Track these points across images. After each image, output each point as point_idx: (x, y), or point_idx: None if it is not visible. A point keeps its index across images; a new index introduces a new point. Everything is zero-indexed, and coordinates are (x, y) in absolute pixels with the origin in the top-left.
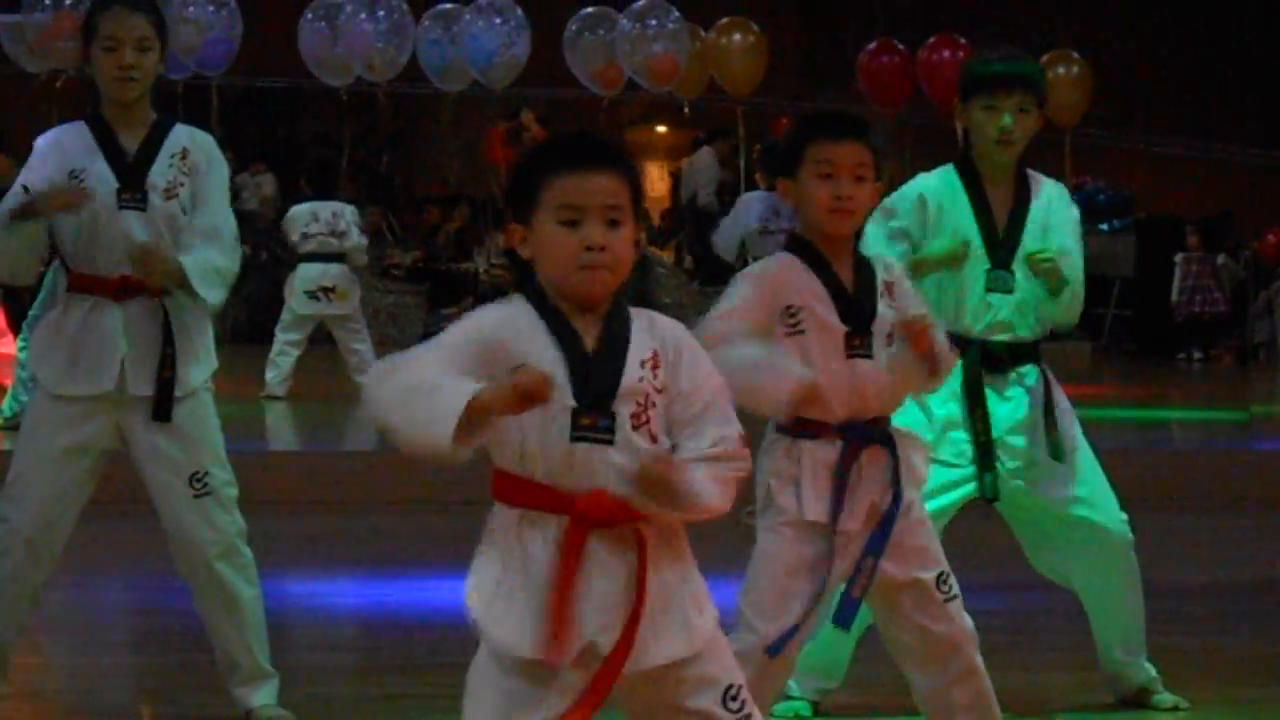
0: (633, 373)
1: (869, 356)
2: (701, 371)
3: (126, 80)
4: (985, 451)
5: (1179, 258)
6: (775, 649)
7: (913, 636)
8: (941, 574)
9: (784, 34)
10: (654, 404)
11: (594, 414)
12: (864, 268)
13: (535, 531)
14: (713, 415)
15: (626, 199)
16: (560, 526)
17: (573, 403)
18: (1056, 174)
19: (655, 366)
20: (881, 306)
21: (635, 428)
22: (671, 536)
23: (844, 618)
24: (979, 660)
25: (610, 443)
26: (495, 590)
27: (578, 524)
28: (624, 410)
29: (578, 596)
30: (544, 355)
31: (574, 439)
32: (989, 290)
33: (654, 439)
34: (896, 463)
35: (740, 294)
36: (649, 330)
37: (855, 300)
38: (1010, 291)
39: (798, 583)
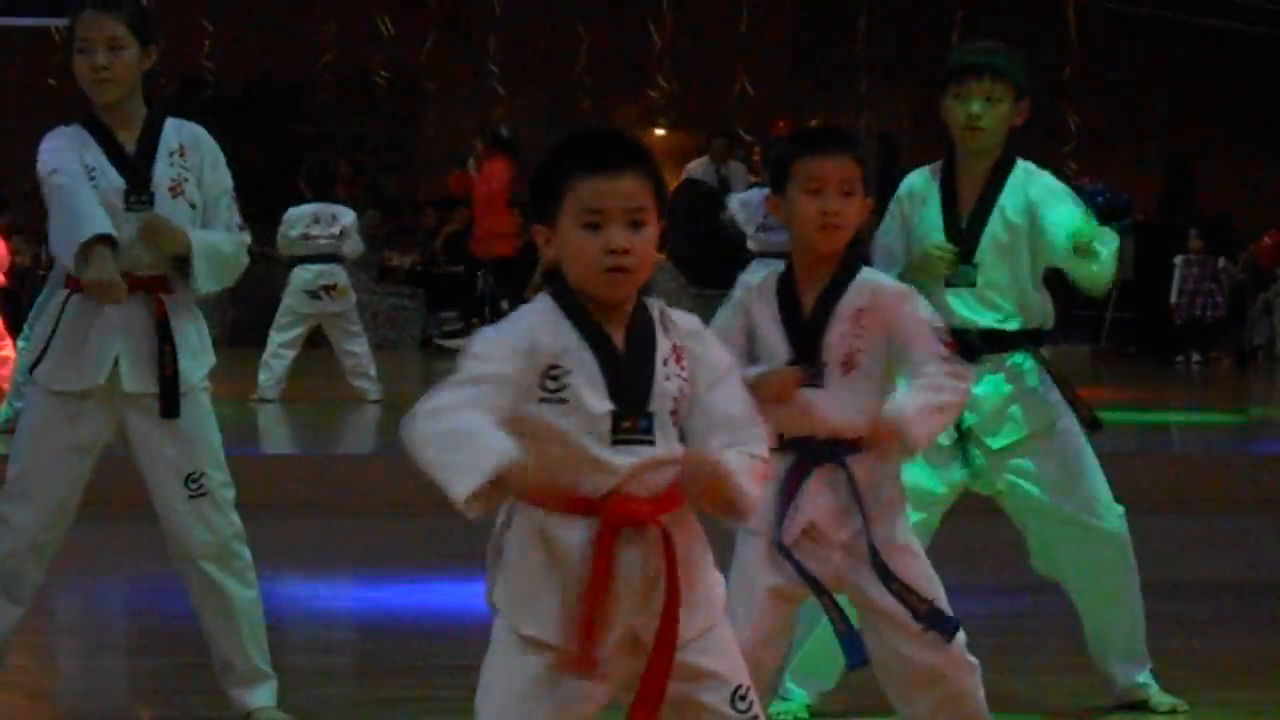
0: (660, 371)
1: (817, 385)
2: (716, 356)
3: (101, 81)
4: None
5: (1178, 260)
6: (854, 663)
7: (894, 662)
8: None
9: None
10: (686, 395)
11: (634, 417)
12: (831, 295)
13: (562, 530)
14: (739, 409)
15: (649, 198)
16: (590, 527)
17: (612, 406)
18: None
19: (679, 360)
20: (833, 337)
21: (675, 424)
22: (686, 519)
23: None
24: (969, 684)
25: (651, 444)
26: (519, 584)
27: (610, 529)
28: (661, 409)
29: (609, 593)
30: (580, 357)
31: (615, 442)
32: (947, 285)
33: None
34: (853, 485)
35: (722, 322)
36: (662, 325)
37: (806, 328)
38: (972, 285)
39: (762, 580)
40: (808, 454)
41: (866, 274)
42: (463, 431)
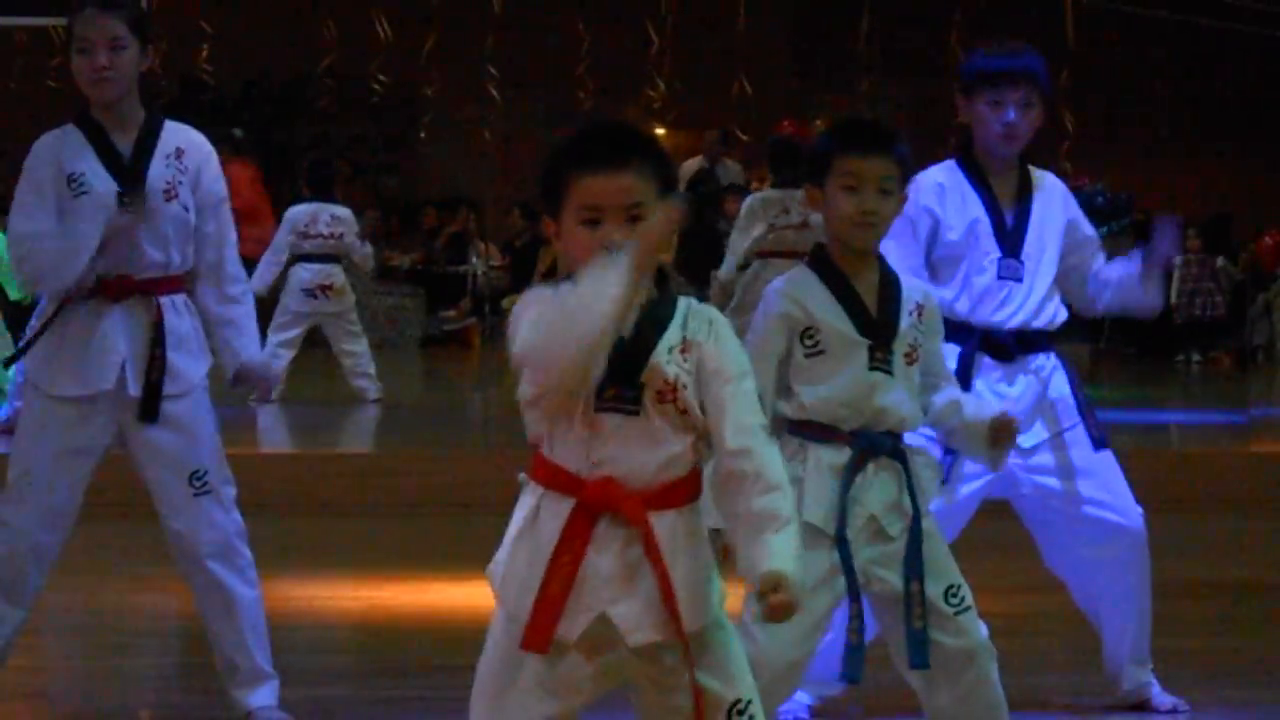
0: (661, 355)
1: (889, 373)
2: (729, 353)
3: (101, 81)
4: None
5: (1177, 260)
6: (852, 677)
7: None
8: (950, 586)
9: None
10: (684, 385)
11: (619, 386)
12: (890, 284)
13: (550, 510)
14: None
15: (651, 193)
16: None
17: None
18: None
19: (685, 351)
20: (905, 325)
21: (660, 403)
22: (680, 521)
23: (917, 656)
24: (993, 671)
25: (636, 414)
26: (510, 562)
27: (583, 511)
28: (651, 386)
29: (579, 573)
30: None
31: (598, 409)
32: (1001, 278)
33: (685, 411)
34: (908, 476)
35: (762, 332)
36: (684, 317)
37: (877, 316)
38: (1020, 280)
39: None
40: (868, 446)
41: (906, 276)
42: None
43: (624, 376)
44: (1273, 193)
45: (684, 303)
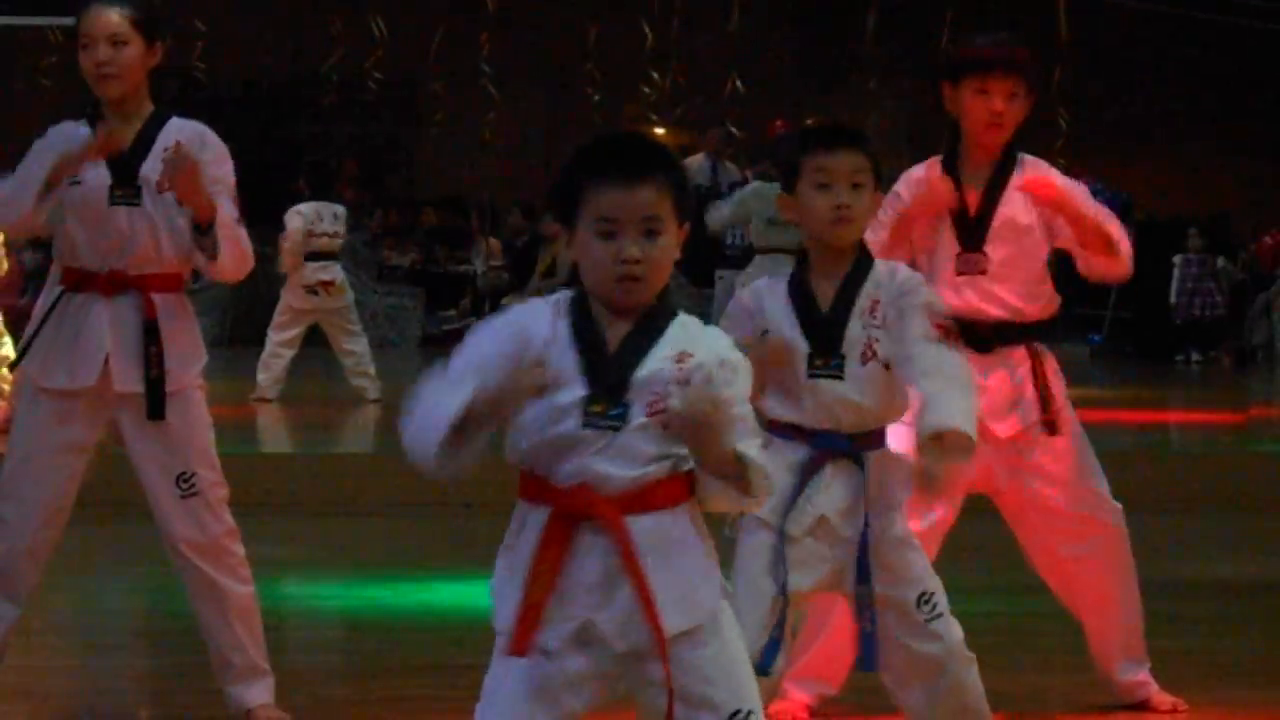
0: (653, 365)
1: (837, 377)
2: (737, 388)
3: (103, 77)
4: None
5: (1178, 259)
6: (763, 668)
7: (895, 654)
8: (923, 594)
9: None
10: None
11: (605, 403)
12: (851, 286)
13: (531, 521)
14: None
15: (667, 207)
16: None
17: (584, 391)
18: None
19: (680, 361)
20: (855, 326)
21: (651, 414)
22: (663, 524)
23: (867, 658)
24: (968, 676)
25: (617, 429)
26: (498, 577)
27: (559, 519)
28: (639, 401)
29: (561, 582)
30: (563, 348)
31: (584, 426)
32: (959, 273)
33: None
34: (865, 483)
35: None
36: (684, 332)
37: (825, 320)
38: (983, 272)
39: (765, 581)
40: (827, 447)
41: (880, 264)
42: (426, 409)
43: (610, 393)
44: (1273, 193)
45: (681, 317)
